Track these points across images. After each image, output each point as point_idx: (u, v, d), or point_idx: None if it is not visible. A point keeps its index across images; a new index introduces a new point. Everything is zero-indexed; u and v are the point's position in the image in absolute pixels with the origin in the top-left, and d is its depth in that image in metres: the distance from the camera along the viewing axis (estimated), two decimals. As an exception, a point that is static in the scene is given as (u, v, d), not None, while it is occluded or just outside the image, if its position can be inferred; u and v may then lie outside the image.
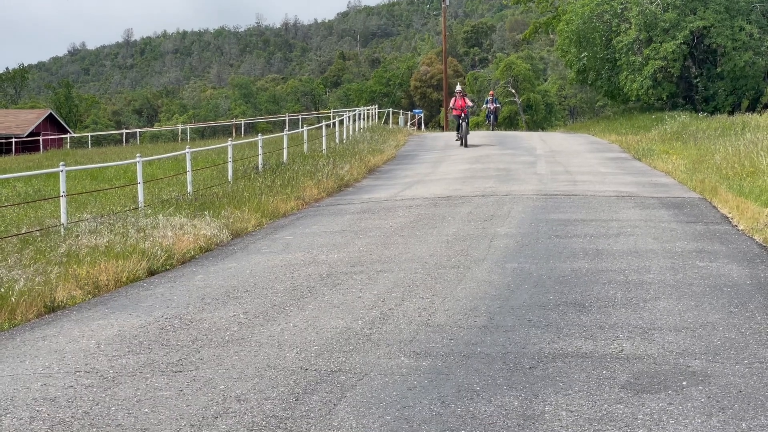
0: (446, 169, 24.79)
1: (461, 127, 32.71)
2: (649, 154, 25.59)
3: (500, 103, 63.89)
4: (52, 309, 10.01)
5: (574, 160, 26.22)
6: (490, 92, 52.39)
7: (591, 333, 7.89)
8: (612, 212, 15.38)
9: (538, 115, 77.11)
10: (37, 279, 10.42)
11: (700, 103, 44.06)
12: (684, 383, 6.49)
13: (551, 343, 7.59)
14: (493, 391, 6.42)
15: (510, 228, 13.98)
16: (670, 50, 41.88)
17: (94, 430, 5.94)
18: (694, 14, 42.86)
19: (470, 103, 33.41)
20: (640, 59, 43.27)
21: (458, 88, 34.39)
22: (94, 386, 6.88)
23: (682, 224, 14.07)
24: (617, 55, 44.67)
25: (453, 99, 33.44)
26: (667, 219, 14.62)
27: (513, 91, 77.19)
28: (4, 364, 7.69)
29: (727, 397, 6.17)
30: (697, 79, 44.31)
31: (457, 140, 33.25)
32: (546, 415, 5.92)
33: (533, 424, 5.78)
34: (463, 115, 32.67)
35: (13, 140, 63.58)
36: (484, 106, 50.45)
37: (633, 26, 43.48)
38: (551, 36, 70.14)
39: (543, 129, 65.34)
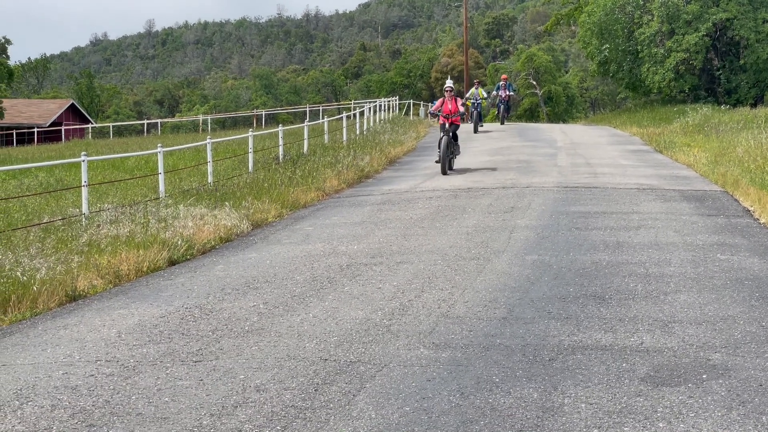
0: (467, 160, 24.72)
1: (442, 143, 21.62)
2: (671, 147, 25.46)
3: (515, 91, 52.76)
4: (74, 298, 10.07)
5: (595, 152, 26.13)
6: (503, 76, 42.83)
7: (611, 325, 7.87)
8: (633, 205, 15.32)
9: (559, 107, 76.81)
10: (58, 268, 10.48)
11: (722, 95, 43.80)
12: (704, 376, 6.46)
13: (571, 336, 7.58)
14: (512, 383, 6.41)
15: (530, 220, 13.95)
16: (693, 42, 41.66)
17: (115, 418, 5.98)
18: (717, 6, 42.59)
19: (462, 109, 22.64)
20: (662, 51, 43.06)
21: (448, 83, 23.60)
22: (115, 375, 6.92)
23: (703, 217, 14.00)
24: (639, 47, 44.47)
25: (441, 100, 22.67)
26: (689, 212, 14.55)
27: (534, 82, 76.94)
28: (26, 352, 7.74)
29: (747, 391, 6.14)
30: (720, 72, 44.05)
31: (437, 162, 22.36)
32: (565, 408, 5.92)
33: (552, 416, 5.78)
34: (447, 125, 21.96)
35: (36, 130, 64.04)
36: (495, 92, 40.43)
37: (655, 18, 43.27)
38: (573, 28, 69.89)
39: (564, 121, 65.12)
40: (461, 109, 22.49)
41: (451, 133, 21.94)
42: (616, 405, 5.94)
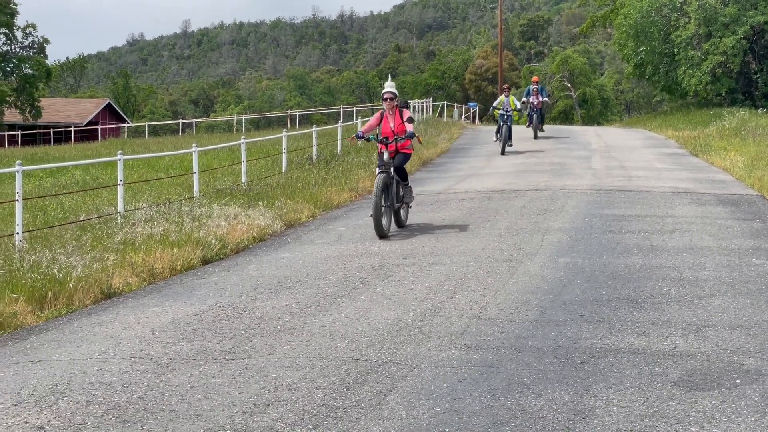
0: (500, 162, 24.69)
1: (378, 184, 13.13)
2: (707, 150, 25.24)
3: (549, 95, 44.96)
4: (109, 295, 10.18)
5: (630, 155, 25.97)
6: (534, 78, 34.96)
7: (644, 329, 7.83)
8: (667, 208, 15.22)
9: (593, 110, 76.51)
10: (94, 266, 10.58)
11: (759, 99, 43.39)
12: (738, 381, 6.42)
13: (603, 339, 7.55)
14: (543, 385, 6.40)
15: (563, 222, 13.90)
16: (730, 45, 41.31)
17: (149, 414, 6.04)
18: (755, 9, 42.21)
19: (410, 127, 13.64)
20: (699, 54, 42.72)
21: (388, 86, 14.13)
22: (149, 372, 6.98)
23: (738, 221, 13.89)
24: (676, 50, 44.14)
25: (377, 115, 14.09)
26: (724, 216, 14.44)
27: (569, 85, 76.64)
28: (62, 348, 7.83)
29: (781, 397, 6.10)
30: (757, 75, 43.64)
31: (371, 216, 13.45)
32: (597, 411, 5.90)
33: (584, 419, 5.76)
34: (387, 155, 13.61)
35: (73, 129, 64.68)
36: (524, 98, 33.50)
37: (692, 21, 42.94)
38: (609, 30, 69.50)
39: (598, 124, 64.81)
40: (409, 127, 13.69)
41: (393, 169, 13.67)
42: (649, 409, 5.91)
